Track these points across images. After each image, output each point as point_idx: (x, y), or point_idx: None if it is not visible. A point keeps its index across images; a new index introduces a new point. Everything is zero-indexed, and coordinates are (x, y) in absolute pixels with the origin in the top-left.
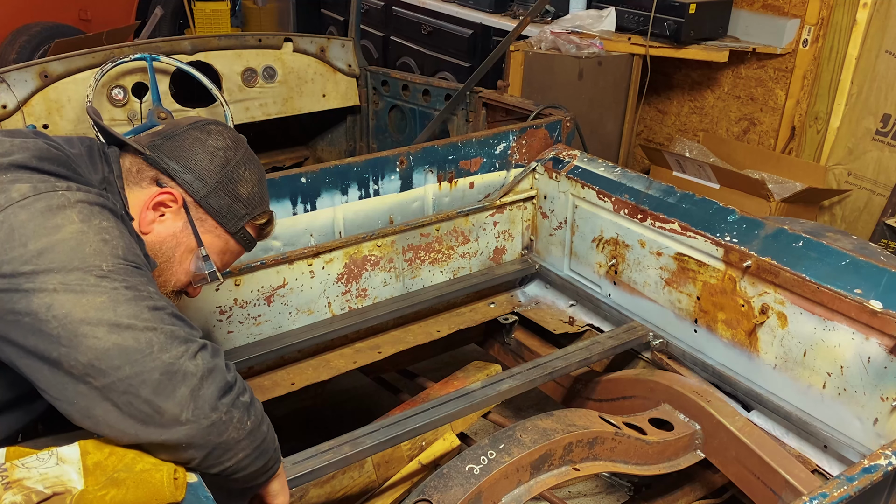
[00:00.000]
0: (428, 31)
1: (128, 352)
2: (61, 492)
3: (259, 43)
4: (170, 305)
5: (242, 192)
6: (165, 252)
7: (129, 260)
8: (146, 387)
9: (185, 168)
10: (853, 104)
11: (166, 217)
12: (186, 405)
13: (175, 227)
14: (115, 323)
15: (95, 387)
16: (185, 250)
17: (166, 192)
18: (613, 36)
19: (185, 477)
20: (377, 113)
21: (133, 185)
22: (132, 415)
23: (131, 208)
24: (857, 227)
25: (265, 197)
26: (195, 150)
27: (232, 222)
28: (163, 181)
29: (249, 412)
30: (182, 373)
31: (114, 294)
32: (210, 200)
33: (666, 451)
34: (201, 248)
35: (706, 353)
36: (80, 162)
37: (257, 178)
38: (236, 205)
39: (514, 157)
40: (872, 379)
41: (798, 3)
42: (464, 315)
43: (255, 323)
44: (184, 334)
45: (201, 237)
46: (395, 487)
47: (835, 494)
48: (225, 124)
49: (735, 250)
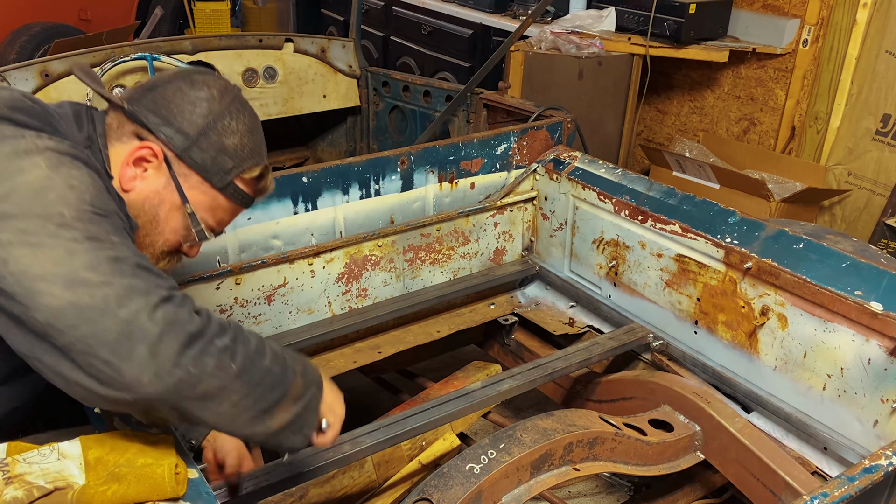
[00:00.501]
0: (428, 31)
1: (83, 310)
2: (63, 487)
3: (260, 43)
4: (135, 255)
5: (229, 144)
6: (149, 210)
7: (97, 206)
8: (104, 347)
9: (164, 121)
10: (853, 104)
11: (148, 173)
12: (146, 365)
13: (158, 183)
14: (71, 278)
15: (56, 346)
16: (170, 208)
17: (145, 147)
18: (613, 36)
19: (187, 472)
20: (378, 114)
21: (115, 142)
22: (95, 376)
23: (113, 165)
24: (857, 227)
25: (259, 149)
26: (176, 101)
27: (218, 177)
28: (143, 135)
29: (233, 354)
30: (140, 330)
31: (71, 245)
32: (192, 154)
33: (666, 452)
34: (186, 204)
35: (706, 355)
36: (64, 121)
37: (247, 129)
38: (222, 158)
39: (514, 158)
40: (872, 381)
41: (798, 3)
42: (464, 315)
43: (255, 322)
44: (143, 286)
45: (186, 194)
46: (396, 487)
47: (835, 494)
48: (214, 74)
49: (735, 252)
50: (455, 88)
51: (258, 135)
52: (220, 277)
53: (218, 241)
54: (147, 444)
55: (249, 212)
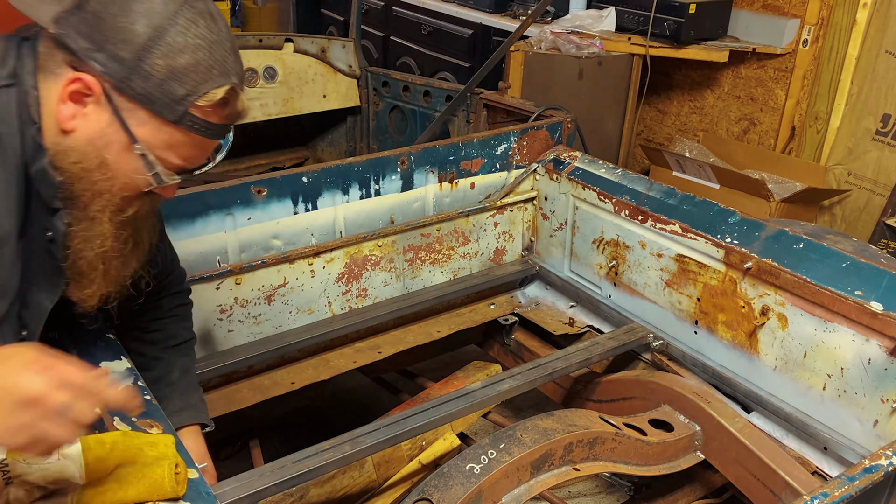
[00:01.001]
0: (428, 31)
1: None
2: (63, 487)
3: (260, 43)
4: None
5: (178, 66)
6: (95, 154)
7: None
8: None
9: (96, 45)
10: (853, 104)
11: (89, 109)
12: None
13: (101, 121)
14: None
15: None
16: (119, 149)
17: (77, 80)
18: (613, 36)
19: (186, 472)
20: (378, 114)
21: (48, 75)
22: None
23: (46, 104)
24: (857, 227)
25: (221, 65)
26: (109, 18)
27: (168, 109)
28: (77, 64)
29: None
30: None
31: None
32: (133, 84)
33: (666, 452)
34: (136, 145)
35: (706, 355)
36: None
37: (203, 42)
38: (170, 84)
39: (514, 158)
40: (872, 381)
41: (798, 3)
42: (464, 315)
43: (255, 322)
44: None
45: (134, 132)
46: (396, 487)
47: (835, 494)
48: None
49: (736, 252)
50: (455, 88)
51: (220, 48)
52: (220, 277)
53: (218, 240)
54: (147, 445)
55: (249, 212)
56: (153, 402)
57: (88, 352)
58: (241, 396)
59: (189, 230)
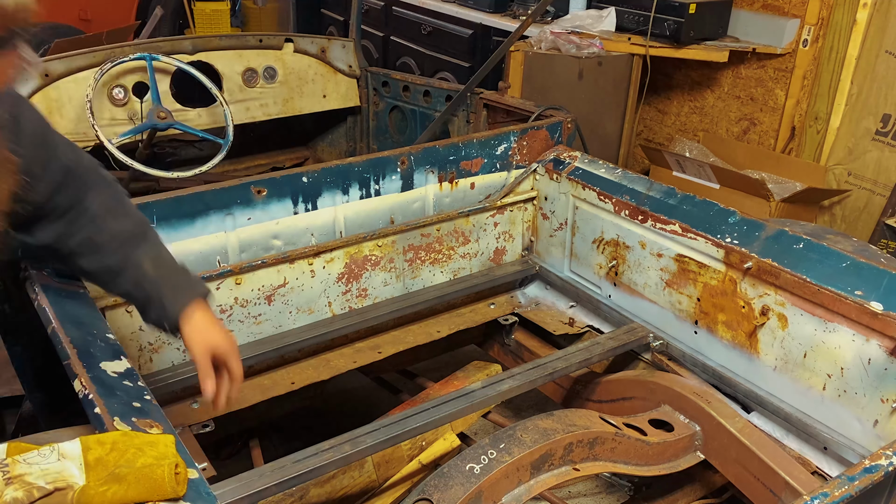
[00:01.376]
0: (428, 31)
1: None
2: (63, 487)
3: (260, 43)
4: None
5: None
6: None
7: None
8: None
9: None
10: (853, 104)
11: None
12: None
13: None
14: None
15: None
16: None
17: None
18: (613, 36)
19: (187, 472)
20: (378, 114)
21: None
22: None
23: None
24: (857, 227)
25: None
26: None
27: None
28: None
29: None
30: None
31: None
32: None
33: (666, 452)
34: None
35: (706, 355)
36: None
37: None
38: None
39: (514, 158)
40: (872, 380)
41: (798, 3)
42: (464, 315)
43: (255, 322)
44: None
45: None
46: (396, 487)
47: (836, 494)
48: None
49: (736, 252)
50: (455, 88)
51: None
52: (220, 277)
53: (218, 240)
54: (147, 444)
55: (249, 212)
56: (153, 402)
57: (88, 352)
58: (240, 396)
59: (189, 230)
